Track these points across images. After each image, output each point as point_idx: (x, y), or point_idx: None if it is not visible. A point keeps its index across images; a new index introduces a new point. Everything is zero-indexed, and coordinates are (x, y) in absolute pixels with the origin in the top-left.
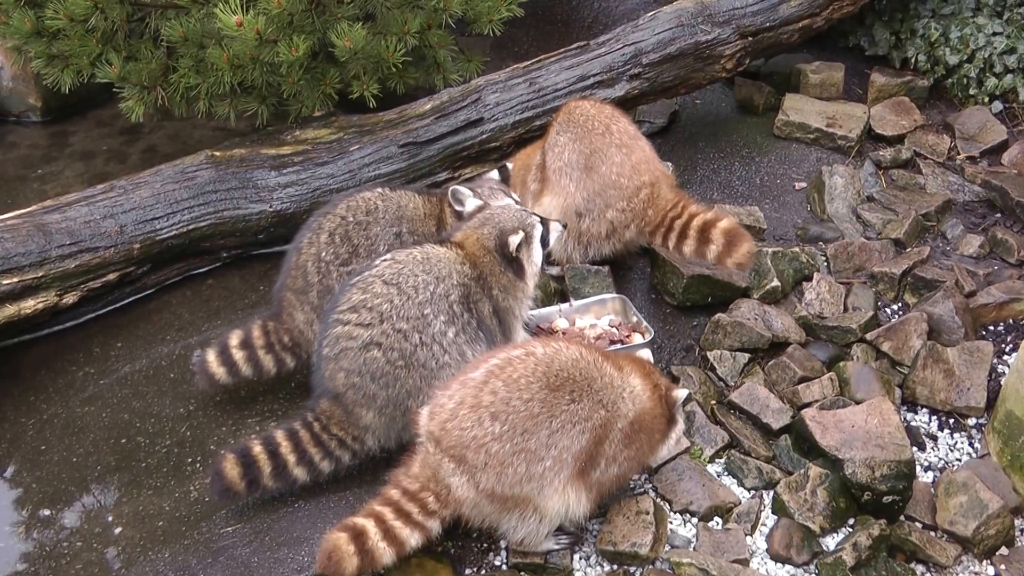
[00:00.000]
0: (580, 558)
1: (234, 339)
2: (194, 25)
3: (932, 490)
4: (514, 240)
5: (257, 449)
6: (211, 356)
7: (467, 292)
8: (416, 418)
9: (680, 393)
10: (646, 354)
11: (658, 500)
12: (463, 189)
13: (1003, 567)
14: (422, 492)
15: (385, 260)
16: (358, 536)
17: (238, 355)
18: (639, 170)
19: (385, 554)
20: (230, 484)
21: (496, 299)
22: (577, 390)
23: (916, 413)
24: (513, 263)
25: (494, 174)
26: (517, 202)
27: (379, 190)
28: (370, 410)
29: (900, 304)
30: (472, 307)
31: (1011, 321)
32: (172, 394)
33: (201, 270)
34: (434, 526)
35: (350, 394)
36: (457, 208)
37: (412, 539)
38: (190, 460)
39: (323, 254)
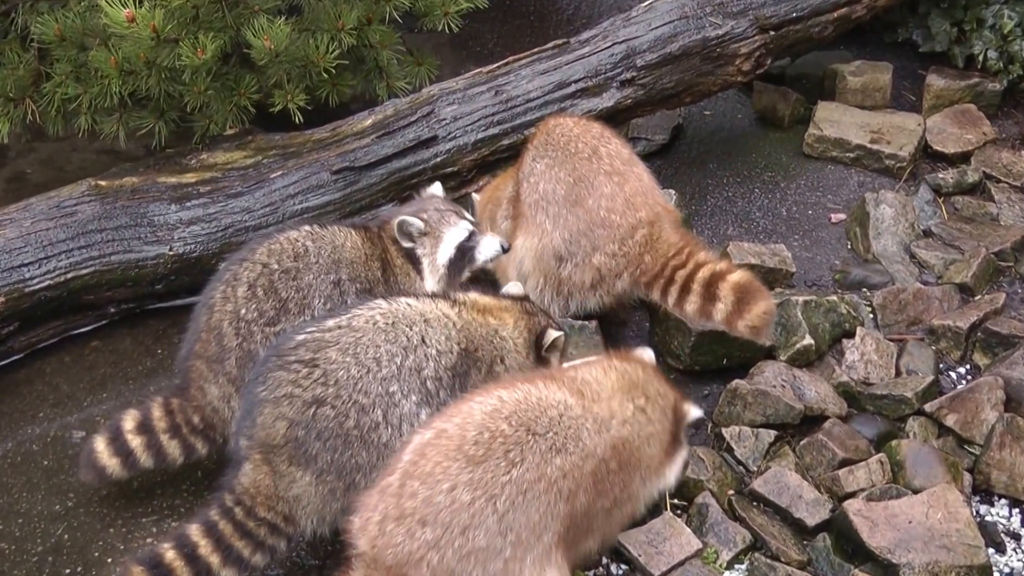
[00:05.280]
0: None
1: (129, 422)
2: (73, 21)
3: None
4: (553, 335)
5: (170, 555)
6: (100, 444)
7: (445, 364)
8: (348, 528)
9: (693, 411)
10: (648, 354)
11: None
12: (414, 220)
13: None
14: None
15: (341, 327)
16: None
17: (135, 442)
18: (634, 204)
19: None
20: None
21: (497, 374)
22: (513, 447)
23: (992, 505)
24: (539, 359)
25: (437, 188)
26: (472, 223)
27: (307, 228)
28: (307, 472)
29: (968, 366)
30: (456, 380)
31: None
32: (45, 487)
33: (83, 329)
34: None
35: (288, 449)
36: (406, 245)
37: None
38: (68, 572)
39: (243, 311)
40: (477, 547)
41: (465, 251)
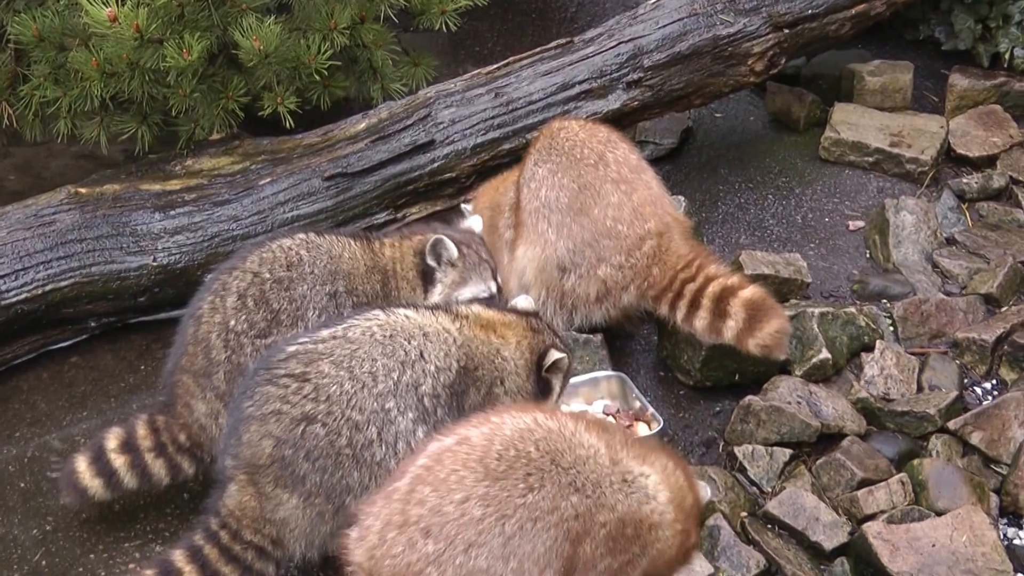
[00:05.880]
0: None
1: (112, 440)
2: (52, 20)
3: None
4: (555, 355)
5: None
6: (81, 464)
7: (443, 381)
8: (344, 541)
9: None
10: (706, 493)
11: None
12: (453, 247)
13: None
14: None
15: (336, 337)
16: None
17: (118, 461)
18: (643, 214)
19: None
20: None
21: (496, 396)
22: (535, 471)
23: (1020, 528)
24: (540, 380)
25: (477, 223)
26: (498, 287)
27: (302, 236)
28: (294, 494)
29: (994, 382)
30: (453, 399)
31: None
32: (22, 510)
33: (62, 344)
34: None
35: (274, 469)
36: (430, 263)
37: None
38: None
39: (232, 323)
40: (478, 568)
41: None
